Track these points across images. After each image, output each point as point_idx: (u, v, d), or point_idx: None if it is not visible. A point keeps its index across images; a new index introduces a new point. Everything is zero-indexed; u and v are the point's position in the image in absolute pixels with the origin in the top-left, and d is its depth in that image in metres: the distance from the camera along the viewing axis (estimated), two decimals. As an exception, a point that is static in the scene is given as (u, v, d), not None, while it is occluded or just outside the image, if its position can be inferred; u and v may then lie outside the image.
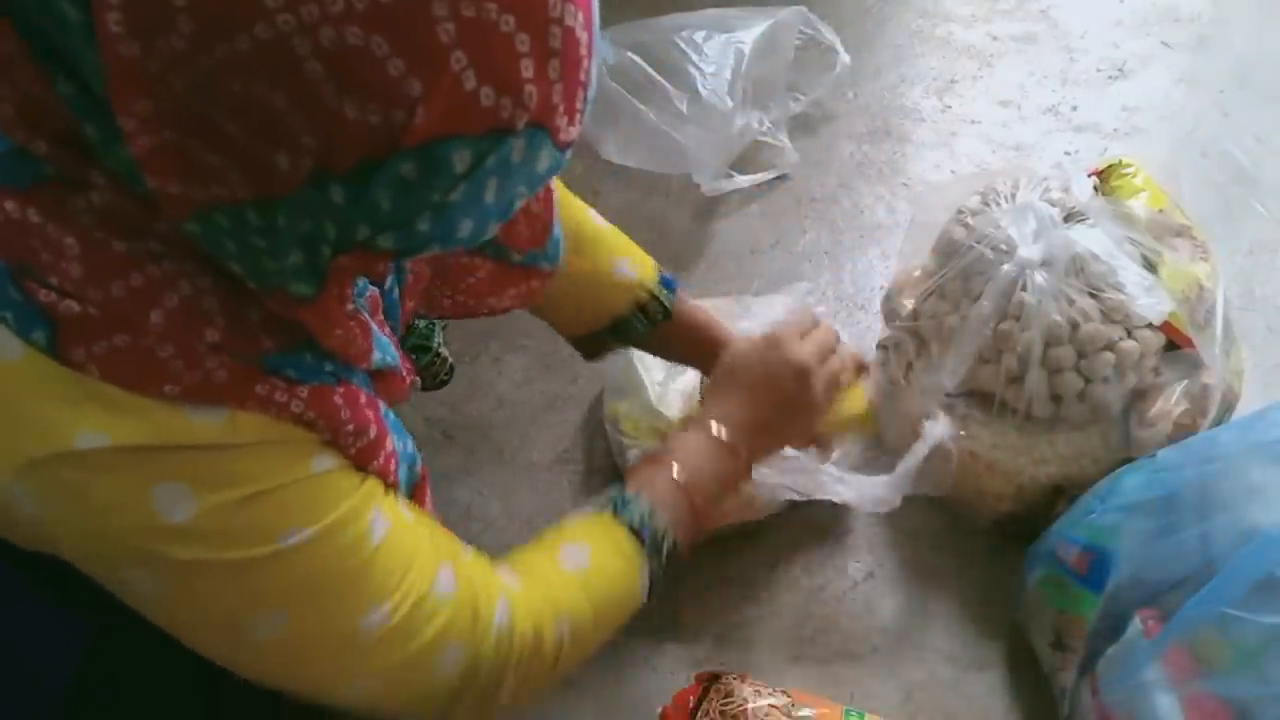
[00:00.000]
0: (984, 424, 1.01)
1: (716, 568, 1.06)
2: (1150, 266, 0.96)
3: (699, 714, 0.83)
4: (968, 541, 1.08)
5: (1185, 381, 0.97)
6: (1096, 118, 1.59)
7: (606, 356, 0.96)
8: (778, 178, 1.48)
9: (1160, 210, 1.01)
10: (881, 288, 1.26)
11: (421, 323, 1.00)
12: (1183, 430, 0.95)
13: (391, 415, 0.63)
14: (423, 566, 0.59)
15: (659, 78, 1.38)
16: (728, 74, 1.39)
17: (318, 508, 0.54)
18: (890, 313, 1.12)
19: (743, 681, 0.85)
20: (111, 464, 0.49)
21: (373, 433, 0.58)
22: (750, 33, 1.43)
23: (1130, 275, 0.94)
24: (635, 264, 0.91)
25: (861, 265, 1.37)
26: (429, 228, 0.46)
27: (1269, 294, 1.33)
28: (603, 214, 0.93)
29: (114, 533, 0.50)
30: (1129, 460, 0.94)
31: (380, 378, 0.63)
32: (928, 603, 1.03)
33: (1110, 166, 1.06)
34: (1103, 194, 1.02)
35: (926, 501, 1.11)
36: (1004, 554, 1.04)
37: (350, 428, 0.56)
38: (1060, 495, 1.00)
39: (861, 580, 1.05)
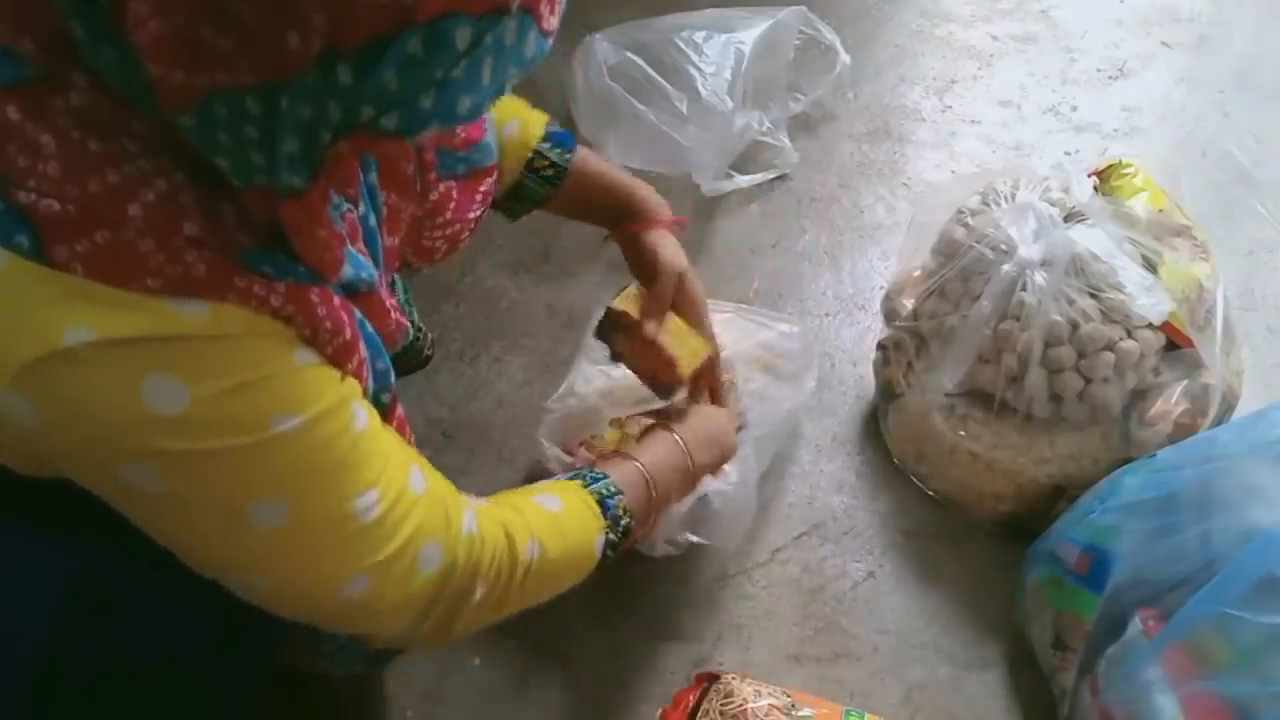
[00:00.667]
0: (984, 424, 1.01)
1: (716, 568, 1.06)
2: (1150, 266, 0.96)
3: (699, 714, 0.83)
4: (968, 541, 1.08)
5: (1185, 381, 0.97)
6: (1096, 118, 1.59)
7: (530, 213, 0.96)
8: (778, 178, 1.48)
9: (1160, 210, 1.01)
10: (881, 288, 1.26)
11: (401, 298, 1.00)
12: (1183, 430, 0.95)
13: (368, 329, 0.64)
14: (398, 464, 0.62)
15: (659, 78, 1.38)
16: (728, 74, 1.39)
17: (305, 397, 0.55)
18: (890, 313, 1.12)
19: (743, 681, 0.85)
20: (101, 358, 0.49)
21: (347, 334, 0.59)
22: (750, 33, 1.43)
23: (1130, 275, 0.94)
24: (521, 124, 0.89)
25: (861, 265, 1.37)
26: (431, 105, 0.48)
27: (1269, 294, 1.33)
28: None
29: (109, 430, 0.51)
30: (1129, 460, 0.94)
31: (361, 300, 0.64)
32: (928, 603, 1.03)
33: (1110, 166, 1.06)
34: (1103, 194, 1.02)
35: (927, 501, 1.11)
36: (1004, 554, 1.04)
37: (327, 325, 0.57)
38: (1060, 495, 1.00)
39: (861, 580, 1.06)
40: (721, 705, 0.82)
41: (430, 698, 0.95)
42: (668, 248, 0.94)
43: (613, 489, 0.79)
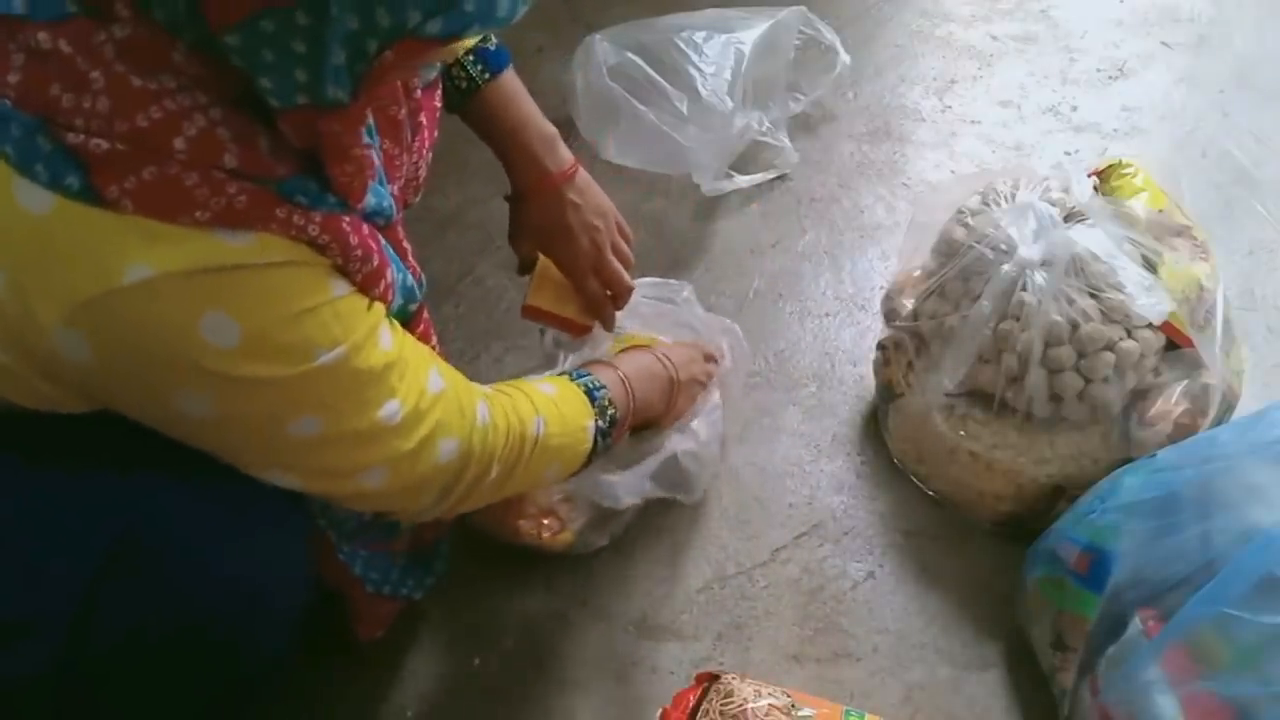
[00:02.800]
0: (984, 424, 1.01)
1: (716, 568, 1.06)
2: (1150, 266, 0.96)
3: (699, 714, 0.83)
4: (968, 541, 1.08)
5: (1185, 381, 0.97)
6: (1096, 118, 1.59)
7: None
8: (778, 178, 1.48)
9: (1160, 210, 1.01)
10: (881, 288, 1.26)
11: None
12: (1183, 430, 0.95)
13: (390, 248, 0.67)
14: (417, 369, 0.67)
15: (659, 78, 1.38)
16: (728, 74, 1.39)
17: (345, 328, 0.59)
18: (890, 313, 1.12)
19: (743, 681, 0.85)
20: (160, 293, 0.51)
21: (375, 261, 0.62)
22: (750, 33, 1.43)
23: (1130, 275, 0.94)
24: None
25: (861, 265, 1.37)
26: (474, 7, 0.50)
27: (1269, 294, 1.33)
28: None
29: (168, 364, 0.54)
30: (1129, 460, 0.94)
31: (383, 232, 0.66)
32: (928, 603, 1.03)
33: (1110, 166, 1.06)
34: (1103, 194, 1.02)
35: (927, 501, 1.11)
36: (1004, 554, 1.04)
37: (359, 252, 0.60)
38: (1060, 495, 1.00)
39: (861, 580, 1.05)
40: (721, 705, 0.82)
41: (430, 698, 0.95)
42: (540, 215, 0.94)
43: (597, 383, 0.87)
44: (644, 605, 1.03)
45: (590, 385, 0.87)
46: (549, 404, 0.82)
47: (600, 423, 0.86)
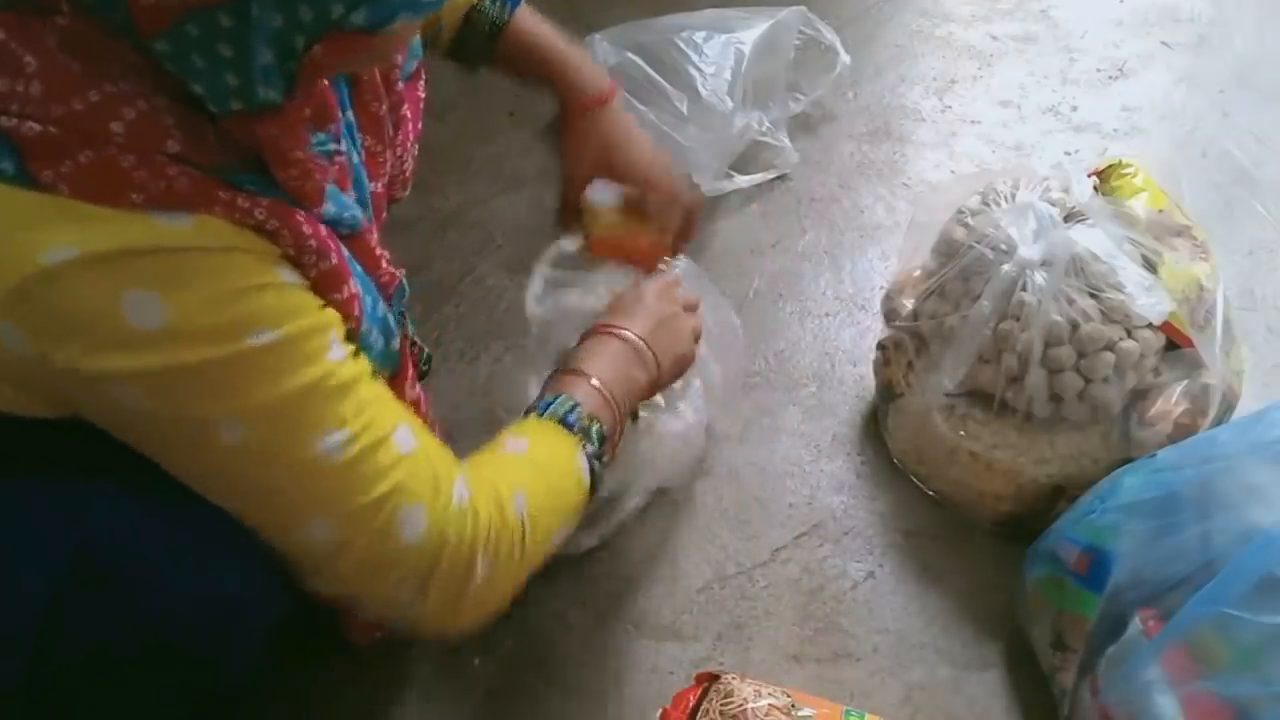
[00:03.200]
0: (984, 424, 1.01)
1: (716, 568, 1.06)
2: (1150, 266, 0.96)
3: (699, 714, 0.83)
4: (968, 541, 1.08)
5: (1185, 381, 0.97)
6: (1096, 118, 1.59)
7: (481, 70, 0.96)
8: (778, 178, 1.48)
9: (1160, 210, 1.01)
10: (881, 288, 1.26)
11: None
12: (1183, 430, 0.95)
13: (359, 270, 0.63)
14: (383, 413, 0.61)
15: (659, 78, 1.38)
16: (728, 74, 1.39)
17: (283, 313, 0.55)
18: (890, 313, 1.12)
19: (743, 681, 0.85)
20: (81, 274, 0.50)
21: (334, 259, 0.59)
22: (750, 33, 1.43)
23: (1130, 275, 0.94)
24: None
25: (861, 265, 1.37)
26: None
27: (1269, 294, 1.33)
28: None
29: (92, 347, 0.52)
30: (1129, 460, 0.94)
31: (346, 242, 0.63)
32: (928, 603, 1.03)
33: (1110, 166, 1.06)
34: (1103, 194, 1.02)
35: (927, 501, 1.11)
36: (1004, 554, 1.04)
37: (313, 243, 0.57)
38: (1060, 495, 1.00)
39: (861, 580, 1.05)
40: (721, 705, 0.82)
41: (430, 697, 0.95)
42: (605, 125, 0.92)
43: (566, 405, 0.77)
44: (644, 605, 1.03)
45: (559, 413, 0.77)
46: (524, 465, 0.73)
47: (589, 446, 0.77)
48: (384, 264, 0.68)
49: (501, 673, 0.97)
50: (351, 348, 0.61)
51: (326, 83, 0.63)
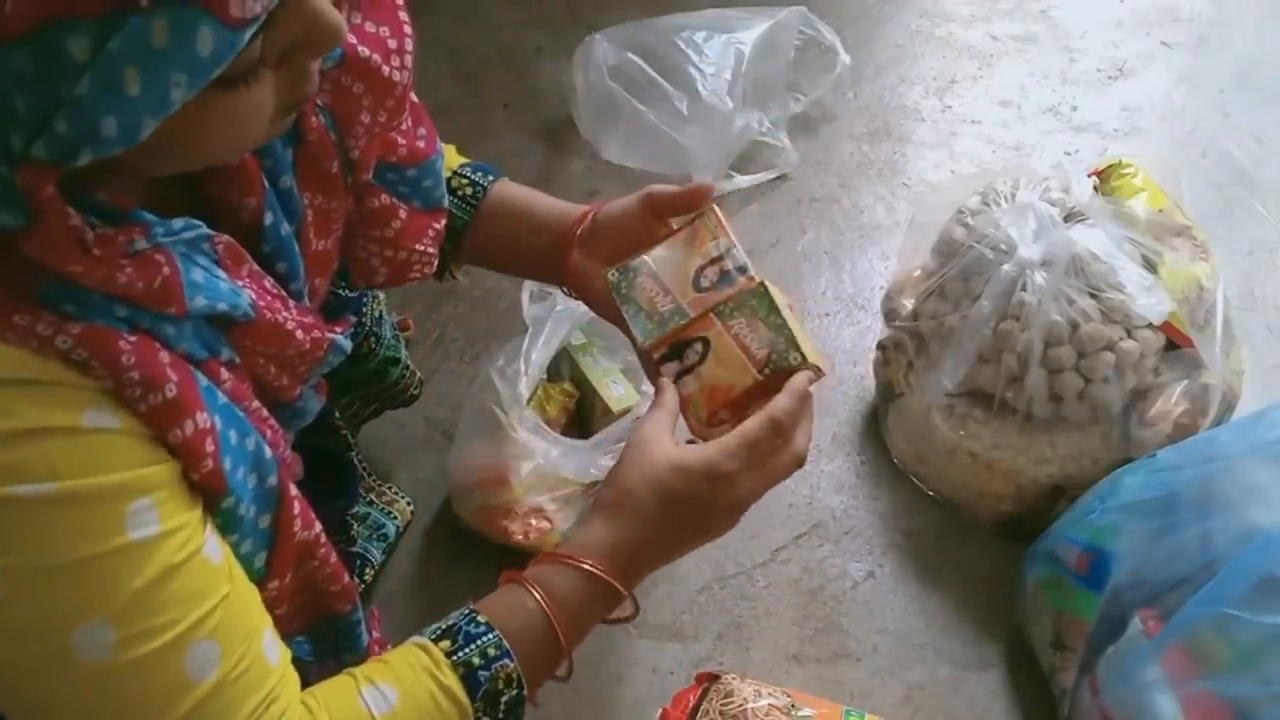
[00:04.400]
0: (984, 424, 1.01)
1: (716, 568, 1.06)
2: (1150, 266, 0.96)
3: (699, 714, 0.83)
4: (968, 541, 1.08)
5: (1185, 381, 0.97)
6: (1096, 118, 1.59)
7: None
8: (778, 178, 1.48)
9: (1160, 210, 1.01)
10: (881, 288, 1.26)
11: (389, 335, 0.98)
12: (1183, 430, 0.95)
13: (234, 408, 0.55)
14: (196, 616, 0.51)
15: (659, 78, 1.38)
16: (728, 74, 1.39)
17: (71, 465, 0.47)
18: (890, 313, 1.12)
19: (743, 681, 0.85)
20: None
21: (171, 392, 0.50)
22: (750, 33, 1.43)
23: (1130, 275, 0.94)
24: (443, 152, 0.81)
25: (861, 265, 1.37)
26: (68, 128, 0.41)
27: (1269, 294, 1.33)
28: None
29: None
30: (1129, 460, 0.94)
31: (239, 331, 0.56)
32: (928, 603, 1.03)
33: (1110, 166, 1.06)
34: (1103, 194, 1.02)
35: (927, 501, 1.11)
36: (1004, 554, 1.04)
37: (134, 375, 0.48)
38: (1060, 495, 1.00)
39: (861, 580, 1.05)
40: (721, 705, 0.82)
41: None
42: (614, 223, 0.79)
43: (492, 652, 0.60)
44: (644, 605, 1.02)
45: (474, 663, 0.59)
46: None
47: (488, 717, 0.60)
48: (298, 332, 0.60)
49: (501, 673, 0.97)
50: (183, 520, 0.51)
51: (249, 155, 0.58)
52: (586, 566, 0.63)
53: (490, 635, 0.61)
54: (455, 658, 0.59)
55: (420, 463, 1.13)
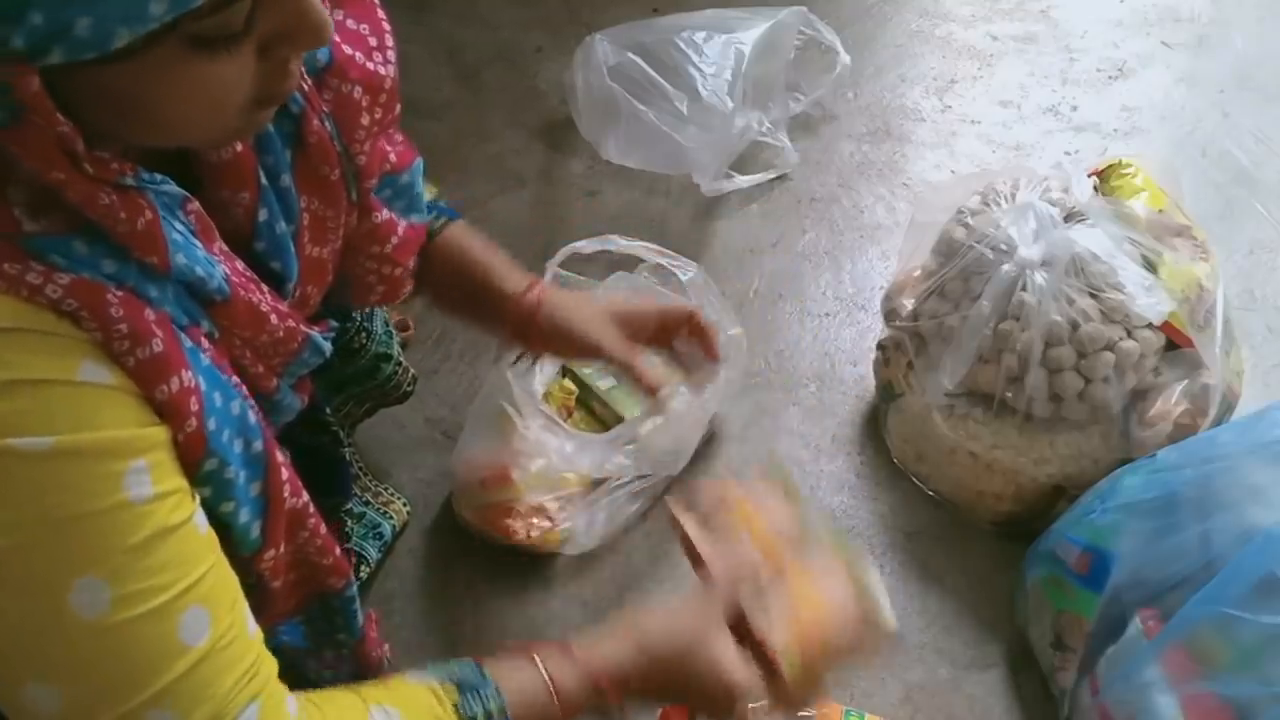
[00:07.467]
0: (984, 424, 1.01)
1: (716, 568, 1.06)
2: (1150, 266, 0.96)
3: (699, 714, 0.83)
4: (968, 541, 1.08)
5: (1185, 381, 0.97)
6: (1096, 118, 1.59)
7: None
8: (778, 178, 1.48)
9: (1160, 210, 1.01)
10: (881, 288, 1.26)
11: (381, 330, 0.97)
12: (1183, 430, 0.95)
13: (217, 372, 0.55)
14: (187, 581, 0.51)
15: (659, 78, 1.38)
16: (728, 74, 1.39)
17: (68, 418, 0.46)
18: (890, 313, 1.12)
19: (743, 681, 0.84)
20: None
21: (158, 347, 0.50)
22: (750, 33, 1.43)
23: (1130, 275, 0.94)
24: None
25: (861, 265, 1.37)
26: (42, 20, 0.40)
27: (1269, 294, 1.33)
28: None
29: None
30: (1129, 460, 0.94)
31: (218, 310, 0.56)
32: (928, 603, 1.03)
33: (1110, 166, 1.06)
34: (1103, 194, 1.02)
35: (927, 501, 1.11)
36: (1004, 554, 1.04)
37: (122, 328, 0.48)
38: (1060, 495, 1.00)
39: (861, 580, 1.06)
40: (721, 705, 0.82)
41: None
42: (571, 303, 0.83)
43: (495, 711, 0.61)
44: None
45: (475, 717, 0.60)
46: None
47: None
48: (274, 318, 0.60)
49: (501, 673, 0.97)
50: (175, 485, 0.51)
51: (240, 147, 0.58)
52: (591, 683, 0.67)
53: (498, 697, 0.62)
54: (460, 711, 0.60)
55: (420, 462, 1.13)
